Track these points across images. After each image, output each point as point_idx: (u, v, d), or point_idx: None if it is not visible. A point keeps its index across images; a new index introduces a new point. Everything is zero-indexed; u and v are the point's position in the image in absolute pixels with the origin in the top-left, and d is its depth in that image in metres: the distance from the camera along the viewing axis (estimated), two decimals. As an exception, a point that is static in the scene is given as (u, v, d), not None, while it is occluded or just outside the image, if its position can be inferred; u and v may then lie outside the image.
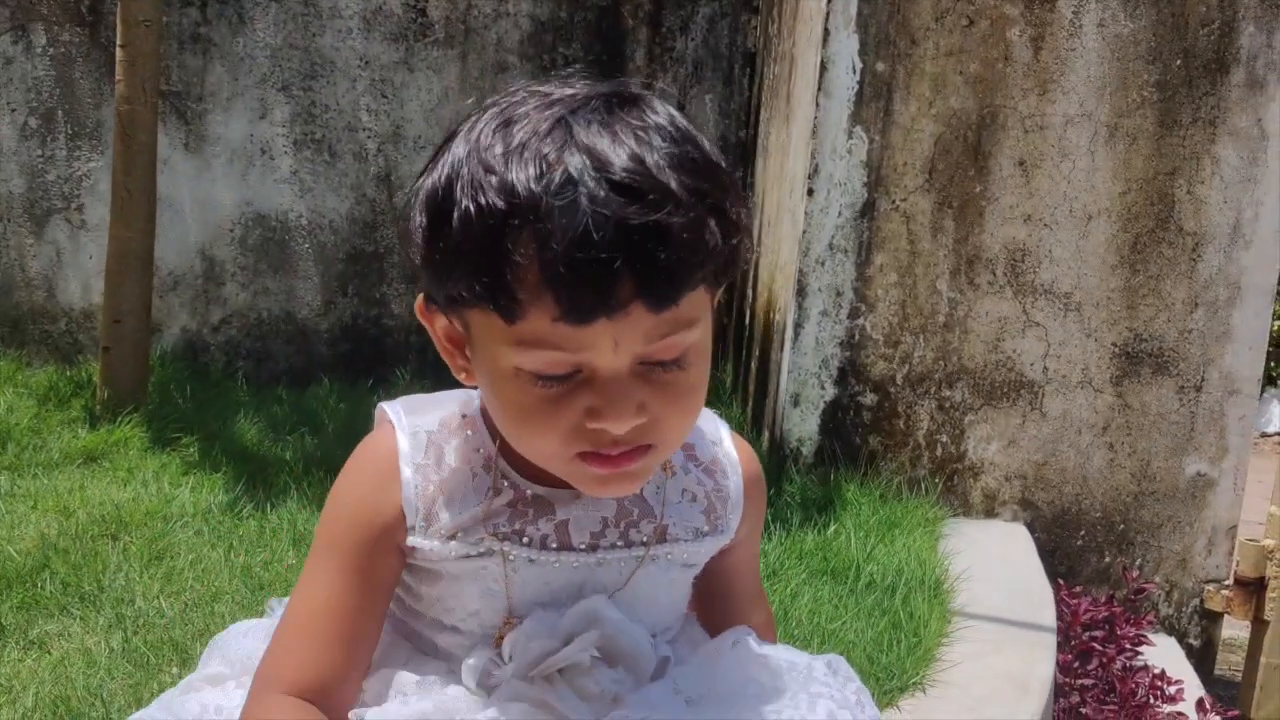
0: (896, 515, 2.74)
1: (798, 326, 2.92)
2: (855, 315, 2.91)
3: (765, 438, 3.12)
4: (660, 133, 0.78)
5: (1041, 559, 2.77)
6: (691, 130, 0.81)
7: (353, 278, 4.16)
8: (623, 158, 0.75)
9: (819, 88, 2.84)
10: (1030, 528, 2.96)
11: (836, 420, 2.95)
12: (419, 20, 4.01)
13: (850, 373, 2.93)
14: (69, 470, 2.95)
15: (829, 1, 2.80)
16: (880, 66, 2.83)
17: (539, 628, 0.88)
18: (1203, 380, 2.94)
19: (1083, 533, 3.00)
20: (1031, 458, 2.97)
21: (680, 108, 4.14)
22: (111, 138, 3.45)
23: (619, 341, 0.77)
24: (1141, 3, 2.81)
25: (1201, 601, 3.03)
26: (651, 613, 0.94)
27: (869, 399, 2.95)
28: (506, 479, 0.89)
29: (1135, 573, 2.89)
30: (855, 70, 2.83)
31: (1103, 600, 2.65)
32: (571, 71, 0.84)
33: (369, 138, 4.06)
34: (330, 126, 4.03)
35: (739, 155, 4.18)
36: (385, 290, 4.16)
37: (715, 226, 0.78)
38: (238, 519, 2.64)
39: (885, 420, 2.96)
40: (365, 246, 4.12)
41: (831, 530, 2.62)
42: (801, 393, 2.94)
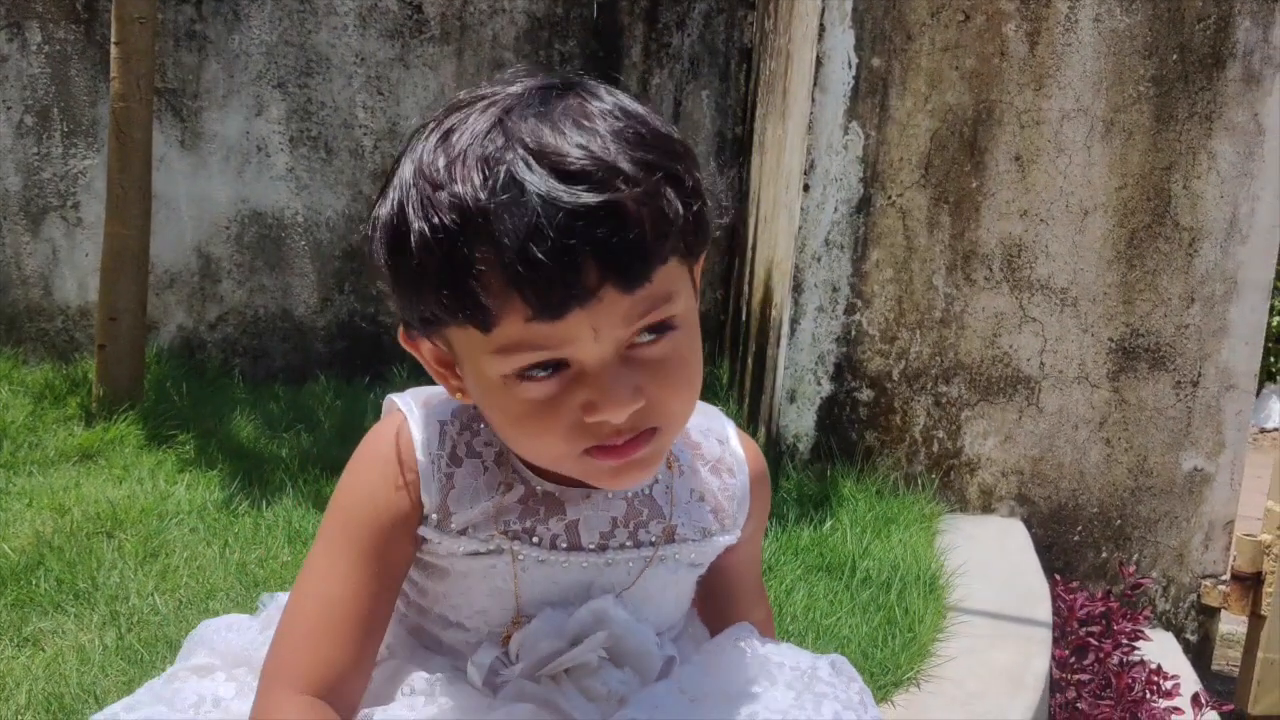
0: (892, 511, 2.74)
1: (794, 322, 2.91)
2: (851, 311, 2.91)
3: (761, 434, 3.12)
4: (602, 114, 0.77)
5: (1038, 554, 2.76)
6: (635, 107, 0.80)
7: (349, 275, 4.16)
8: (565, 145, 0.75)
9: (815, 83, 2.83)
10: (1027, 523, 2.95)
11: (833, 416, 2.95)
12: (415, 17, 4.00)
13: (846, 368, 2.93)
14: (64, 468, 2.95)
15: (824, -3, 2.80)
16: (876, 62, 2.82)
17: (547, 627, 0.88)
18: (1199, 375, 2.94)
19: (1079, 528, 3.00)
20: (1028, 453, 2.96)
21: (677, 104, 4.16)
22: (107, 135, 3.45)
23: (598, 329, 0.77)
24: (1137, -3, 2.81)
25: (1198, 596, 3.03)
26: (657, 612, 0.94)
27: (865, 395, 2.94)
28: (518, 474, 0.89)
29: (1132, 568, 2.89)
30: (851, 65, 2.82)
31: (1099, 595, 2.65)
32: (512, 71, 0.84)
33: (365, 135, 4.05)
34: (326, 124, 4.03)
35: (735, 151, 4.18)
36: (382, 287, 4.16)
37: (673, 196, 0.77)
38: (233, 516, 2.64)
39: (882, 416, 2.95)
40: (362, 244, 4.12)
41: (827, 526, 2.62)
42: (798, 389, 2.94)
